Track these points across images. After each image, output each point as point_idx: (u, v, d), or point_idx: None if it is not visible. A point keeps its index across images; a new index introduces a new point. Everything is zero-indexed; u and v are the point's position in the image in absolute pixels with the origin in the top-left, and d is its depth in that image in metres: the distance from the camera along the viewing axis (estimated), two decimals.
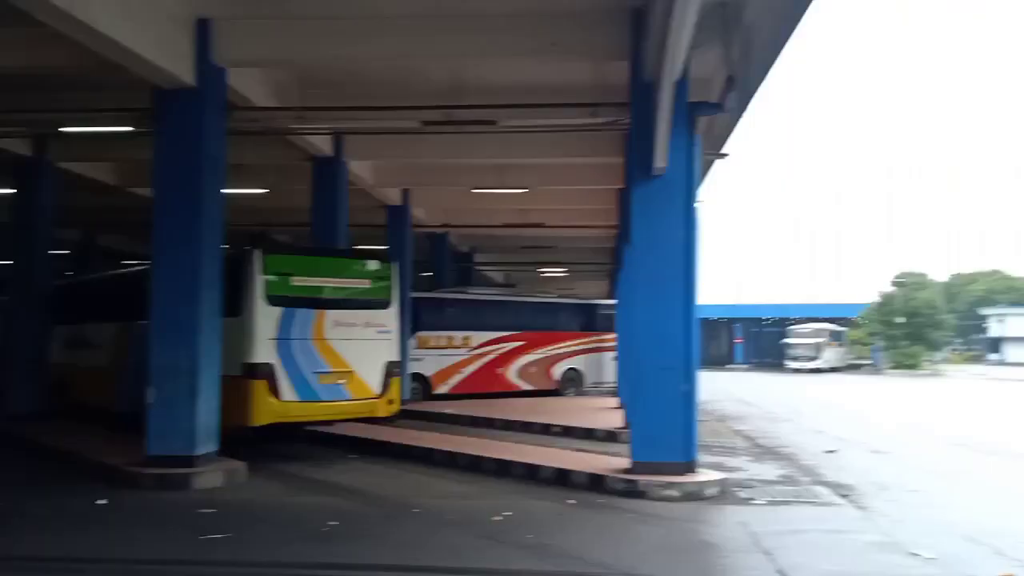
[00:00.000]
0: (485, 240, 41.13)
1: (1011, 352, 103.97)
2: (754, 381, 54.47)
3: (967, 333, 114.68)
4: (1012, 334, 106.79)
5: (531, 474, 15.41)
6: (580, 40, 14.39)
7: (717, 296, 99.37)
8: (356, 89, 18.09)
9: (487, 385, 32.24)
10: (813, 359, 73.02)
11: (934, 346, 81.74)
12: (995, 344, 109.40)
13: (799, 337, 75.10)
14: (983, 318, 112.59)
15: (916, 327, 77.82)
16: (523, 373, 33.50)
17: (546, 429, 22.22)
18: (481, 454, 16.82)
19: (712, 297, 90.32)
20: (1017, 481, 16.69)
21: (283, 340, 17.01)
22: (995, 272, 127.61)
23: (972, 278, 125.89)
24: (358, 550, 10.49)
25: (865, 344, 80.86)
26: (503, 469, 15.90)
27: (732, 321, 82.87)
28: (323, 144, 22.04)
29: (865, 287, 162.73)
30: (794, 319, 79.57)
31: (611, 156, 21.75)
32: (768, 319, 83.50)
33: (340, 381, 17.67)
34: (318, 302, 17.63)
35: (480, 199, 28.21)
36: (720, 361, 78.24)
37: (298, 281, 17.52)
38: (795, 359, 73.82)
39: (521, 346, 33.65)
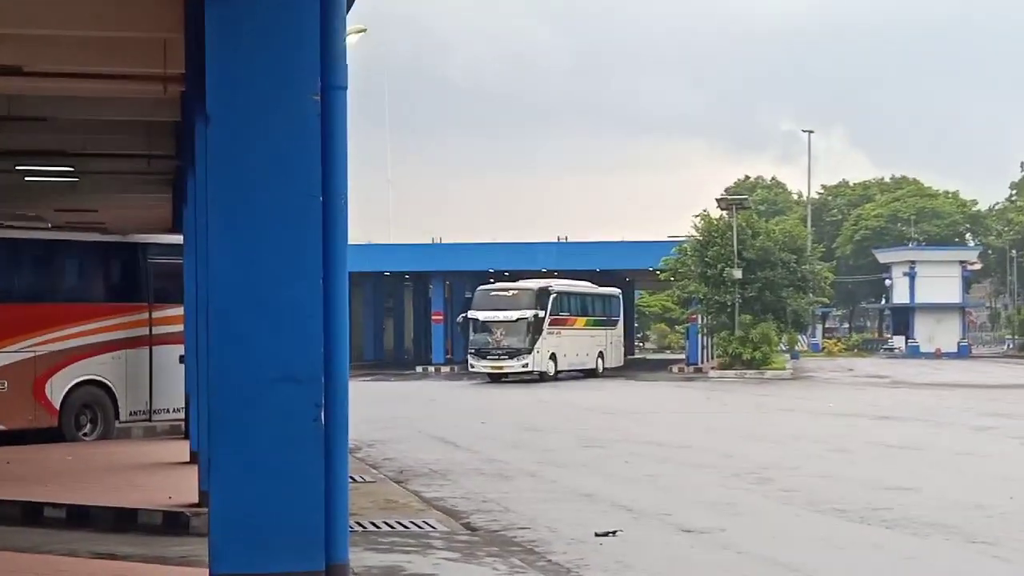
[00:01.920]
0: None
1: (924, 331, 76.00)
2: (466, 395, 45.70)
3: (854, 297, 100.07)
4: (928, 298, 76.81)
5: None
6: None
7: (377, 234, 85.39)
8: None
9: None
10: (519, 354, 51.23)
11: (794, 322, 61.11)
12: (902, 317, 79.70)
13: (495, 309, 52.20)
14: (881, 269, 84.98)
15: (762, 287, 57.44)
16: None
17: (34, 515, 14.34)
18: None
19: (370, 236, 72.89)
20: None
21: None
22: (901, 183, 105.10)
23: (860, 192, 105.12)
24: None
25: (677, 322, 73.78)
26: None
27: (421, 279, 67.86)
28: None
29: (670, 218, 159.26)
30: (535, 273, 60.51)
31: None
32: (493, 274, 65.44)
33: None
34: None
35: None
36: (402, 361, 63.76)
37: None
38: (485, 355, 51.81)
39: None
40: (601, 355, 58.13)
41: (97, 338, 23.12)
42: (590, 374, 56.70)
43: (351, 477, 10.11)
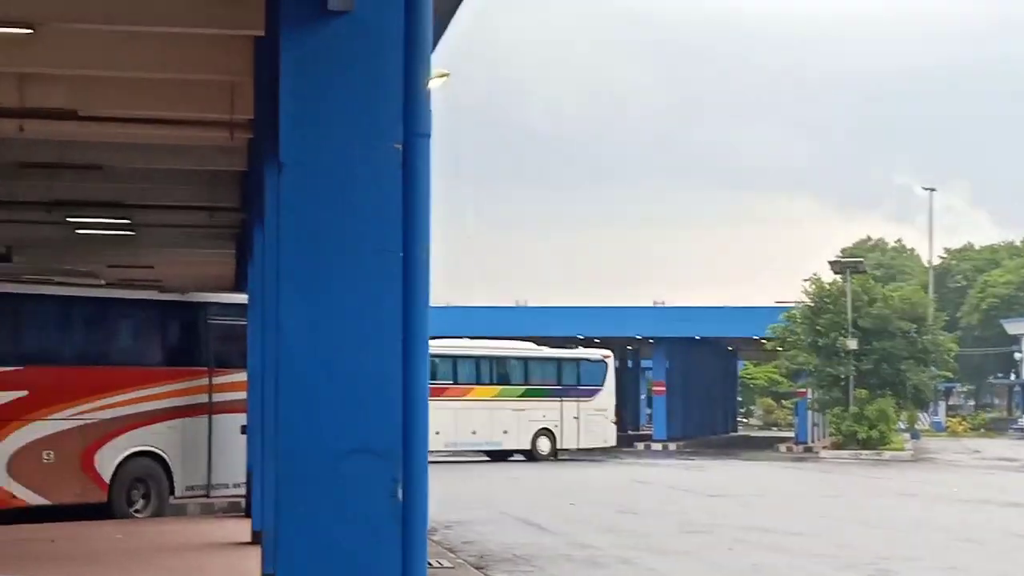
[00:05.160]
0: None
1: None
2: (549, 473, 47.91)
3: (980, 372, 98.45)
4: None
5: None
6: None
7: (456, 295, 78.34)
8: None
9: None
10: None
11: (914, 398, 61.46)
12: None
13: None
14: (1011, 341, 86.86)
15: (880, 359, 57.77)
16: (21, 466, 21.80)
17: None
18: None
19: (448, 297, 70.89)
20: None
21: None
22: None
23: (987, 256, 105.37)
24: None
25: (785, 396, 73.22)
26: None
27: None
28: None
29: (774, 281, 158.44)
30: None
31: None
32: (582, 341, 63.46)
33: None
34: None
35: None
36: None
37: None
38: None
39: (17, 402, 21.99)
40: (547, 432, 53.22)
41: (152, 405, 23.19)
42: (530, 456, 52.08)
43: (427, 562, 10.28)
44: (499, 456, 51.75)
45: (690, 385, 74.40)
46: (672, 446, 64.37)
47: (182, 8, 15.66)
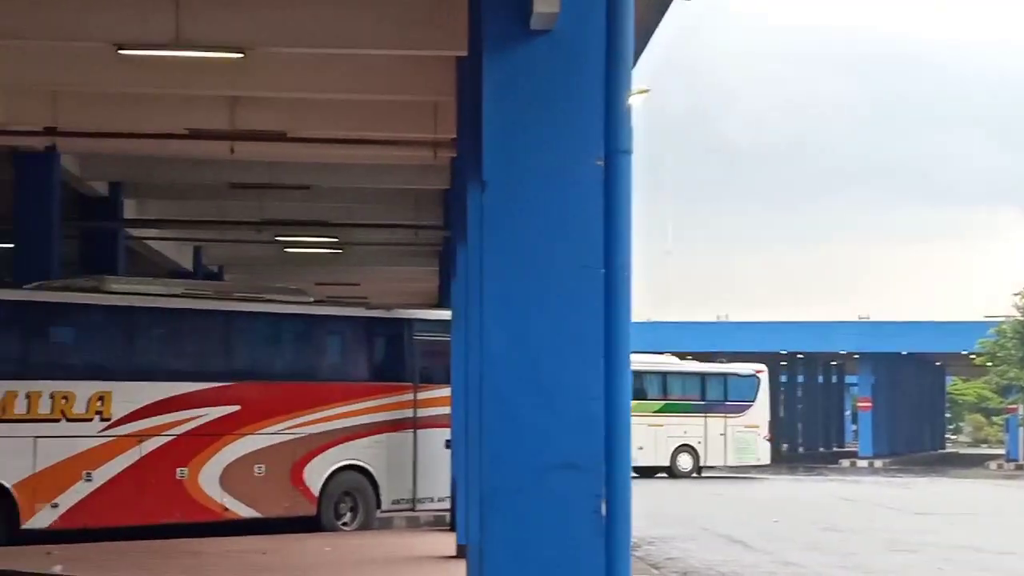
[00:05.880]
0: (146, 168, 26.81)
1: None
2: (751, 489, 47.05)
3: None
4: None
5: None
6: None
7: (656, 311, 73.98)
8: None
9: (148, 508, 21.18)
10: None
11: None
12: None
13: None
14: None
15: None
16: (233, 480, 22.04)
17: None
18: None
19: (648, 312, 66.97)
20: None
21: None
22: None
23: None
24: None
25: (995, 412, 71.40)
26: None
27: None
28: None
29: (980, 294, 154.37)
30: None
31: None
32: (786, 356, 66.86)
33: None
34: None
35: (130, 69, 18.04)
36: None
37: None
38: None
39: (230, 416, 22.22)
40: (688, 449, 51.96)
41: (359, 420, 23.48)
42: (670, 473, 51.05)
43: None
44: (640, 473, 47.34)
45: (897, 401, 73.24)
46: (878, 463, 63.38)
47: (386, 32, 16.07)
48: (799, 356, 66.67)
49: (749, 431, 52.22)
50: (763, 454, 53.08)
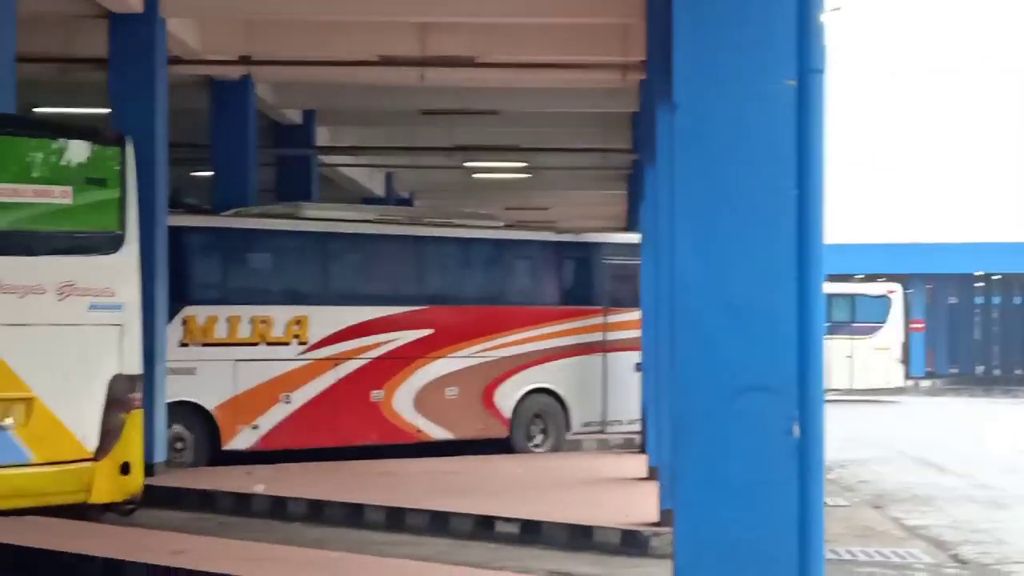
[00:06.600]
0: (339, 96, 27.25)
1: None
2: (946, 412, 44.10)
3: None
4: None
5: None
6: None
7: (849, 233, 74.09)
8: None
9: (344, 430, 21.60)
10: None
11: None
12: None
13: None
14: None
15: None
16: (427, 402, 22.38)
17: (485, 529, 14.73)
18: None
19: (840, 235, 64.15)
20: None
21: None
22: None
23: None
24: None
25: None
26: None
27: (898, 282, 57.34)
28: None
29: None
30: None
31: None
32: (982, 278, 64.08)
33: (5, 422, 10.93)
34: None
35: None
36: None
37: None
38: None
39: (423, 340, 22.55)
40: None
41: (549, 344, 23.65)
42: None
43: (824, 501, 10.17)
44: None
45: None
46: None
47: None
48: (994, 277, 64.65)
49: (879, 353, 50.98)
50: (894, 377, 51.63)
